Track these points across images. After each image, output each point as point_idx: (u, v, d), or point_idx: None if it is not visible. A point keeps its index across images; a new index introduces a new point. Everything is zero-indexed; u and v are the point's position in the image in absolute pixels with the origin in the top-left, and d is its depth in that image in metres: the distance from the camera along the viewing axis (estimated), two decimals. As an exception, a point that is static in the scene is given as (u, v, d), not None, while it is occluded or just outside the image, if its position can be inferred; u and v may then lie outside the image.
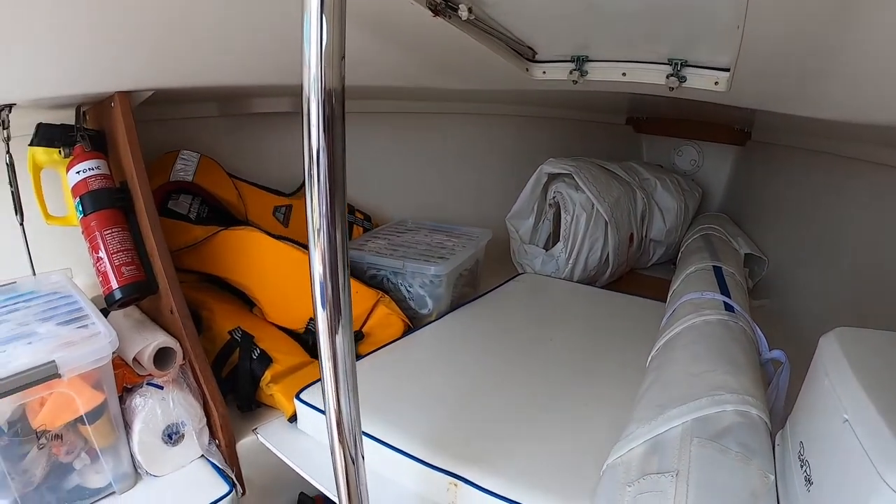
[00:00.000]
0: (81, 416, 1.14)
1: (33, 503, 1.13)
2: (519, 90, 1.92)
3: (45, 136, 1.38)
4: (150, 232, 1.26)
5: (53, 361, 1.05)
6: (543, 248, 1.98)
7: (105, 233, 1.28)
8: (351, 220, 1.82)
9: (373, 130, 2.17)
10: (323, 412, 1.15)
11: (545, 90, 1.79)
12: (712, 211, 2.54)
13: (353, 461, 0.85)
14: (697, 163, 2.73)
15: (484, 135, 2.35)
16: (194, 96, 1.54)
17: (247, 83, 1.49)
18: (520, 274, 1.97)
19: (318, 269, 0.75)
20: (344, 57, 0.69)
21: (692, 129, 2.70)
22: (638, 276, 2.21)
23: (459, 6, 1.25)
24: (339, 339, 0.78)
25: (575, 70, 1.56)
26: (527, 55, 1.62)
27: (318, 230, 0.74)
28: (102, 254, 1.27)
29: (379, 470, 1.16)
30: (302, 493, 1.44)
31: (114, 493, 1.23)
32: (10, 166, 1.41)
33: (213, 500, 1.23)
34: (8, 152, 1.40)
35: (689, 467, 0.83)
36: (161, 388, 1.23)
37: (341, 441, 0.84)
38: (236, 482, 1.27)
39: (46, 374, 1.05)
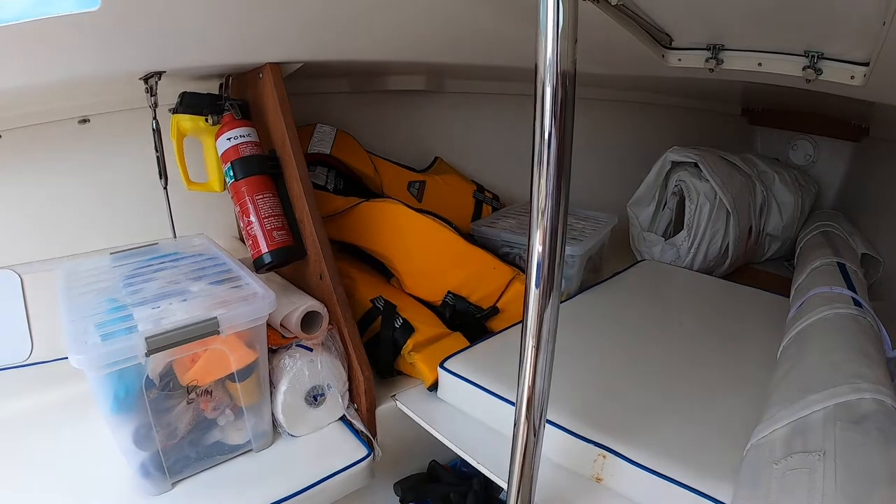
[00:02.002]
0: (233, 373, 1.17)
1: (174, 456, 1.17)
2: (642, 76, 1.90)
3: (191, 104, 1.41)
4: (304, 198, 1.28)
5: (216, 318, 1.08)
6: (662, 237, 1.93)
7: (257, 197, 1.30)
8: (480, 199, 1.82)
9: (503, 111, 2.18)
10: (469, 381, 1.17)
11: (664, 77, 1.77)
12: (825, 208, 2.46)
13: (535, 435, 0.88)
14: (812, 157, 2.70)
15: (606, 120, 2.32)
16: (332, 71, 1.56)
17: (393, 59, 1.51)
18: (641, 261, 1.93)
19: (537, 248, 0.77)
20: (577, 40, 0.70)
21: (808, 122, 2.61)
22: (752, 270, 2.21)
23: (605, -10, 1.25)
24: (546, 317, 0.81)
25: (711, 58, 1.54)
26: (663, 42, 1.61)
27: (543, 211, 0.75)
28: (253, 218, 1.30)
29: (508, 432, 1.17)
30: (433, 461, 1.46)
31: (251, 450, 1.27)
32: (157, 132, 1.46)
33: (350, 462, 1.26)
34: (154, 118, 1.45)
35: (836, 448, 0.84)
36: (310, 350, 1.25)
37: (528, 416, 0.87)
38: (375, 446, 1.29)
39: (208, 329, 1.08)
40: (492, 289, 1.51)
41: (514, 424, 0.88)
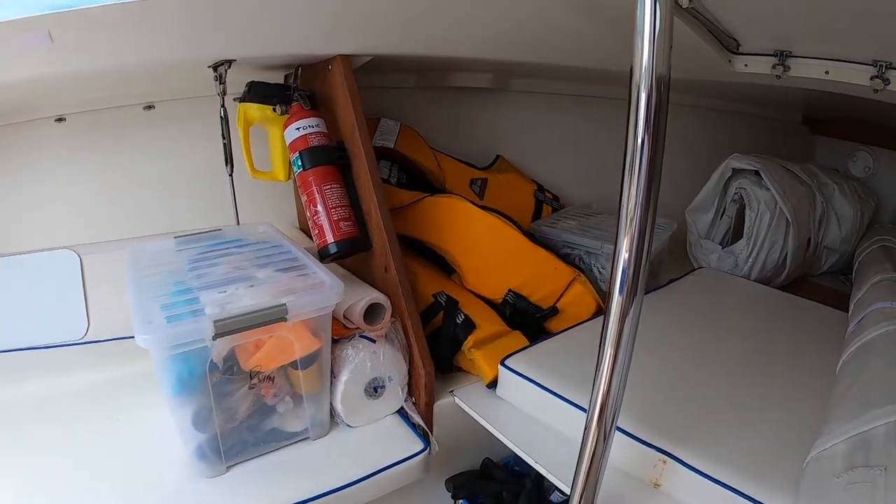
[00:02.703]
0: (296, 361, 1.18)
1: (231, 440, 1.18)
2: (706, 80, 1.88)
3: (259, 93, 1.42)
4: (373, 191, 1.29)
5: (284, 304, 1.08)
6: (719, 245, 1.91)
7: (324, 188, 1.31)
8: (541, 199, 1.87)
9: (563, 111, 2.17)
10: (531, 380, 1.17)
11: (728, 82, 1.75)
12: (884, 222, 2.42)
13: (604, 440, 0.88)
14: (871, 170, 2.66)
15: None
16: (399, 66, 1.56)
17: (460, 56, 1.51)
18: (699, 268, 1.92)
19: (623, 255, 0.77)
20: (671, 45, 0.69)
21: (869, 133, 2.55)
22: (809, 282, 2.17)
23: (680, -6, 1.24)
24: (627, 325, 0.80)
25: (778, 65, 1.52)
26: (731, 47, 1.59)
27: (632, 218, 0.75)
28: (320, 208, 1.30)
29: (577, 439, 1.15)
30: (487, 459, 1.46)
31: (307, 438, 1.27)
32: (224, 119, 1.46)
33: (406, 456, 1.26)
34: (223, 106, 1.46)
35: (899, 463, 0.82)
36: (373, 341, 1.25)
37: (600, 422, 0.86)
38: (432, 441, 1.29)
39: (275, 316, 1.08)
40: (552, 289, 1.50)
41: (585, 429, 0.88)
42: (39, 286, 1.67)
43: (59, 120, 1.67)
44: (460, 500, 1.41)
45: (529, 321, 1.48)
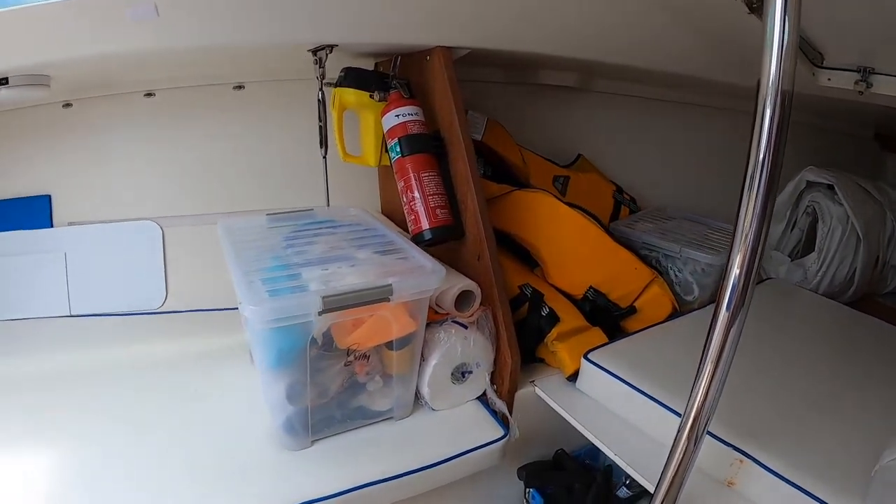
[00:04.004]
0: (392, 341, 1.20)
1: (321, 414, 1.21)
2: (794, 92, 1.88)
3: (357, 79, 1.45)
4: (470, 180, 1.31)
5: (390, 285, 1.10)
6: (788, 256, 1.91)
7: (422, 175, 1.33)
8: (619, 200, 1.88)
9: (644, 114, 2.18)
10: (614, 375, 1.22)
11: (808, 94, 1.75)
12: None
13: (694, 445, 0.90)
14: (942, 190, 2.58)
15: (729, 130, 2.33)
16: (490, 60, 1.58)
17: (553, 54, 1.52)
18: (768, 279, 1.92)
19: (734, 271, 0.78)
20: (797, 60, 0.70)
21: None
22: (874, 301, 2.16)
23: (773, 6, 1.24)
24: (730, 340, 0.82)
25: (861, 81, 1.52)
26: (815, 60, 1.59)
27: (746, 235, 0.76)
28: (417, 194, 1.33)
29: (658, 436, 1.18)
30: (561, 450, 1.47)
31: (391, 418, 1.30)
32: (321, 103, 1.48)
33: (486, 441, 1.28)
34: (321, 89, 1.48)
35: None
36: (465, 327, 1.27)
37: (693, 428, 0.89)
38: (512, 428, 1.31)
39: (381, 295, 1.10)
40: (631, 288, 1.52)
41: (677, 433, 0.90)
42: (121, 255, 1.72)
43: (149, 95, 1.71)
44: (530, 489, 1.41)
45: (607, 319, 1.49)
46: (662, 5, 1.29)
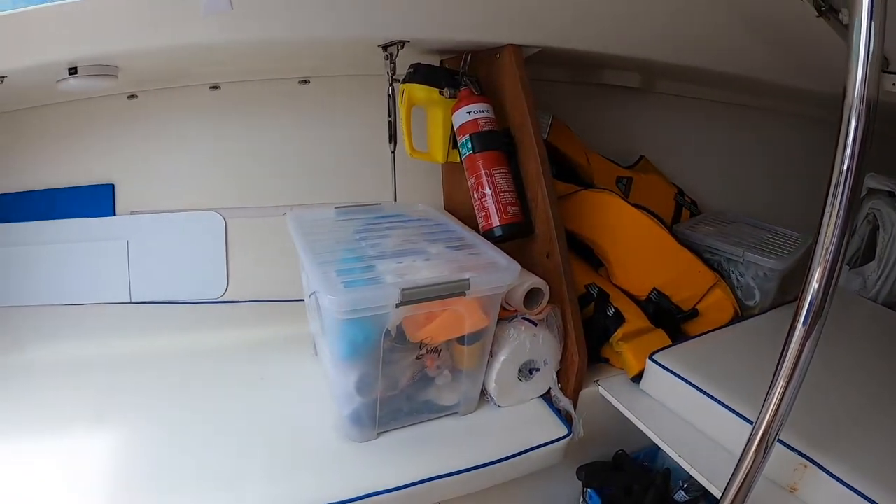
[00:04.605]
0: (463, 336, 1.20)
1: (389, 407, 1.22)
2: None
3: (427, 75, 1.45)
4: (542, 178, 1.31)
5: (468, 280, 1.11)
6: (847, 265, 1.89)
7: (494, 172, 1.34)
8: (681, 203, 1.87)
9: (702, 117, 2.18)
10: (680, 377, 1.21)
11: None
12: None
13: (763, 455, 0.90)
14: None
15: (784, 134, 2.32)
16: (556, 59, 1.58)
17: (621, 54, 1.52)
18: (829, 287, 1.89)
19: (813, 285, 0.78)
20: (886, 70, 0.69)
21: None
22: (928, 313, 2.08)
23: (841, 10, 1.23)
24: (806, 352, 0.82)
25: (926, 86, 1.50)
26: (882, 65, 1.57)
27: (827, 248, 0.75)
28: (488, 191, 1.33)
29: (723, 440, 1.18)
30: (621, 451, 1.48)
31: (456, 413, 1.31)
32: (392, 98, 1.50)
33: (549, 440, 1.29)
34: (391, 85, 1.49)
35: None
36: (535, 324, 1.28)
37: (763, 438, 0.88)
38: (577, 427, 1.31)
39: (458, 290, 1.11)
40: (694, 291, 1.51)
41: (748, 441, 0.90)
42: (184, 244, 1.75)
43: (214, 88, 1.74)
44: (589, 489, 1.42)
45: (669, 321, 1.48)
46: (729, 6, 1.28)
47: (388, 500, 1.14)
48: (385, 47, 1.45)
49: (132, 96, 1.78)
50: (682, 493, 1.39)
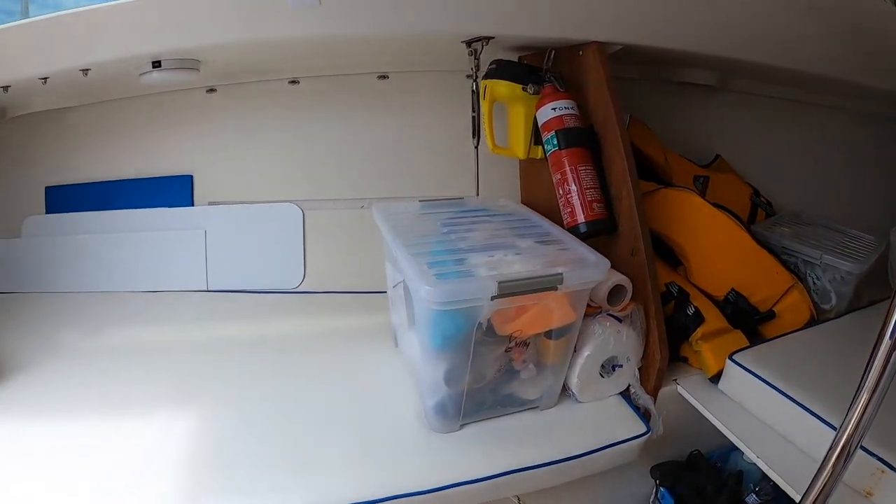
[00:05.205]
0: (551, 330, 1.22)
1: (474, 399, 1.23)
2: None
3: (510, 71, 1.47)
4: (627, 175, 1.32)
5: (561, 274, 1.11)
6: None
7: (579, 168, 1.35)
8: (756, 203, 1.86)
9: (779, 116, 2.16)
10: (761, 378, 1.21)
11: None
12: None
13: (844, 462, 0.90)
14: None
15: (880, 139, 2.26)
16: (630, 57, 1.58)
17: (699, 52, 1.53)
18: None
19: None
20: None
21: None
22: None
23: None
24: (890, 366, 0.82)
25: None
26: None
27: None
28: (574, 187, 1.35)
29: (802, 443, 1.18)
30: (696, 451, 1.47)
31: (537, 407, 1.32)
32: (476, 94, 1.51)
33: (628, 437, 1.29)
34: (475, 80, 1.50)
35: None
36: (620, 320, 1.28)
37: (846, 445, 0.88)
38: (656, 425, 1.32)
39: (551, 284, 1.12)
40: (771, 293, 1.50)
41: (829, 449, 0.90)
42: (261, 235, 1.79)
43: (293, 82, 1.77)
44: (662, 488, 1.42)
45: (746, 322, 1.48)
46: (809, 4, 1.28)
47: (469, 491, 1.16)
48: (469, 43, 1.46)
49: (211, 90, 1.82)
50: (754, 496, 1.39)
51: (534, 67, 1.38)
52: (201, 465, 1.16)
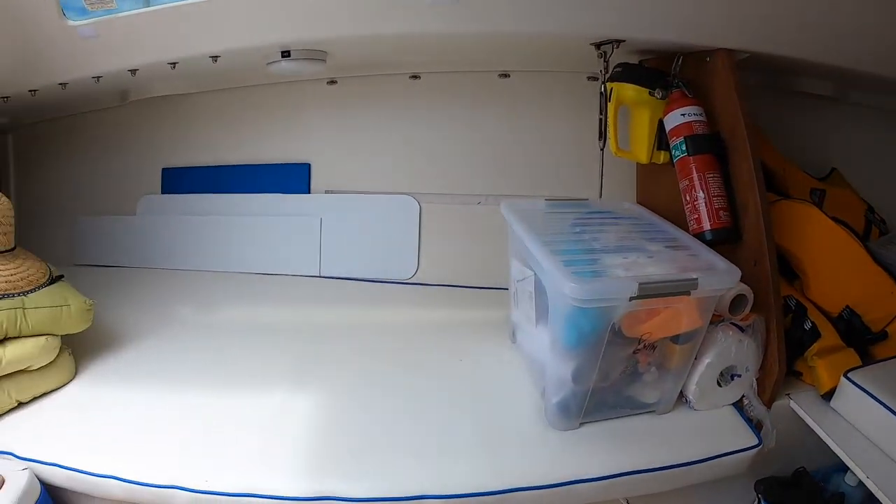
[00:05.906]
0: (678, 335, 1.22)
1: (597, 397, 1.24)
2: None
3: (637, 75, 1.48)
4: (755, 184, 1.31)
5: (696, 279, 1.12)
6: None
7: (707, 175, 1.36)
8: (871, 220, 1.81)
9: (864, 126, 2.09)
10: (876, 399, 1.19)
11: None
12: None
13: None
14: None
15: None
16: (749, 64, 1.57)
17: (825, 62, 1.52)
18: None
19: None
20: None
21: None
22: None
23: None
24: None
25: None
26: None
27: None
28: (701, 194, 1.35)
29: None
30: (802, 468, 1.45)
31: (653, 412, 1.32)
32: (604, 96, 1.52)
33: (739, 448, 1.28)
34: (604, 82, 1.52)
35: None
36: (742, 330, 1.28)
37: None
38: (769, 437, 1.31)
39: (686, 288, 1.13)
40: (884, 312, 1.47)
41: None
42: (376, 225, 1.83)
43: (414, 77, 1.80)
44: (764, 503, 1.42)
45: (858, 341, 1.47)
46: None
47: (583, 490, 1.18)
48: (598, 45, 1.48)
49: (332, 81, 1.87)
50: (858, 519, 1.38)
51: (660, 72, 1.38)
52: (324, 443, 1.20)
